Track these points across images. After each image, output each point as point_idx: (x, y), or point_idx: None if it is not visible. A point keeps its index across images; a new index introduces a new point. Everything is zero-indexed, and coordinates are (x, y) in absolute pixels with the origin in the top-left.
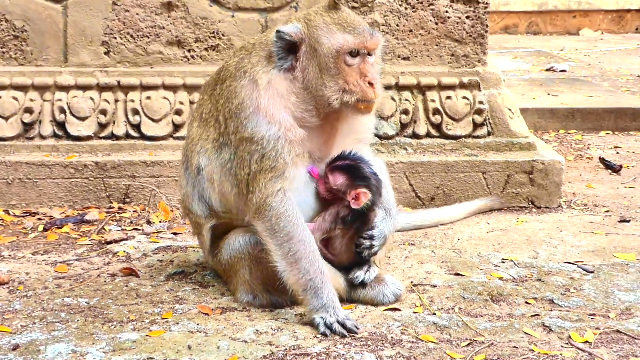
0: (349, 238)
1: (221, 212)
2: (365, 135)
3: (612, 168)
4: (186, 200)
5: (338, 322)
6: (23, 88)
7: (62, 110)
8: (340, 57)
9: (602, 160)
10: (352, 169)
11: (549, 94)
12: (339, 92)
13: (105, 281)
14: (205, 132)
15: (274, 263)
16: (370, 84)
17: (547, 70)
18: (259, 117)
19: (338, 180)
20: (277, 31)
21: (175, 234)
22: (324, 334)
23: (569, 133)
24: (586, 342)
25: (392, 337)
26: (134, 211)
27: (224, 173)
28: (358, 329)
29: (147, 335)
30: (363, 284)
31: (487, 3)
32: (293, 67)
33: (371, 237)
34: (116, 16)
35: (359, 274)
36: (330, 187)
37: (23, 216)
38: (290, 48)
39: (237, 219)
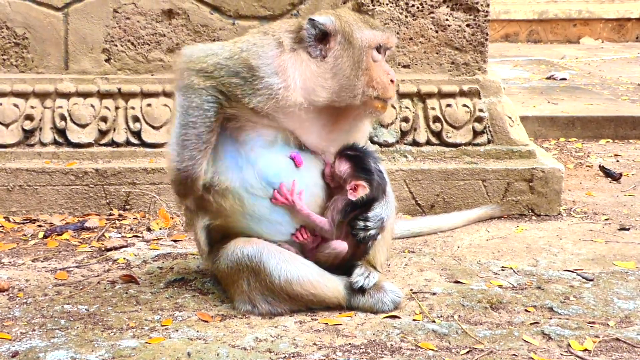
0: (346, 234)
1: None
2: (361, 140)
3: (612, 176)
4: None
5: None
6: (24, 95)
7: (63, 118)
8: (369, 52)
9: (602, 168)
10: (359, 160)
11: (549, 102)
12: (366, 87)
13: (105, 288)
14: None
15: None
16: (392, 81)
17: (548, 78)
18: (274, 65)
19: (342, 167)
20: (311, 19)
21: (175, 241)
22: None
23: (569, 141)
24: (586, 350)
25: (391, 345)
26: (134, 218)
27: None
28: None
29: (146, 343)
30: (362, 291)
31: (487, 11)
32: (323, 55)
33: (366, 219)
34: (117, 24)
35: (359, 279)
36: (334, 173)
37: (23, 223)
38: (320, 38)
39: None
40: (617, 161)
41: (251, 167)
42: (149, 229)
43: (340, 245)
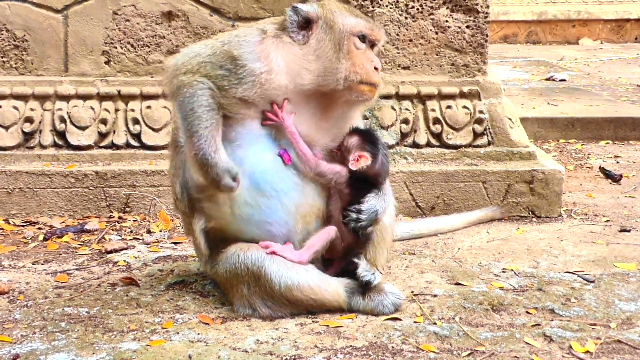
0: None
1: (195, 182)
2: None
3: (613, 177)
4: (172, 184)
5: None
6: (23, 97)
7: (63, 120)
8: (351, 38)
9: (602, 169)
10: (369, 135)
11: (548, 104)
12: (347, 71)
13: (105, 291)
14: None
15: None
16: (375, 68)
17: (547, 79)
18: (257, 52)
19: (351, 139)
20: (293, 6)
21: (175, 243)
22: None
23: (569, 142)
24: (587, 352)
25: (392, 347)
26: (134, 220)
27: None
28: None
29: (147, 345)
30: (366, 288)
31: (487, 13)
32: (305, 38)
33: (359, 211)
34: (117, 26)
35: (366, 274)
36: (342, 146)
37: (23, 226)
38: (303, 25)
39: (211, 205)
40: (617, 162)
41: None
42: (149, 232)
43: (327, 232)
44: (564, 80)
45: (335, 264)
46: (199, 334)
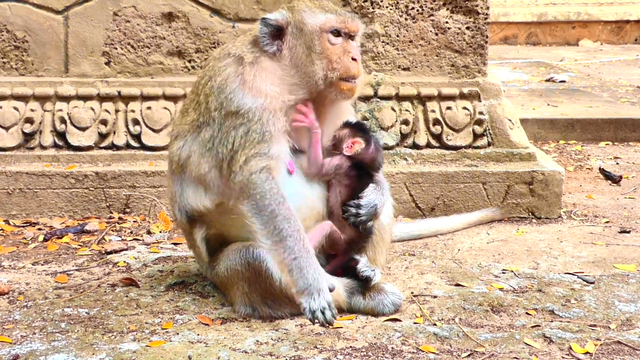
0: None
1: (200, 209)
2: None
3: (612, 179)
4: (173, 204)
5: (321, 310)
6: (24, 98)
7: (63, 121)
8: (323, 35)
9: (602, 170)
10: (360, 125)
11: (548, 105)
12: (324, 70)
13: (105, 291)
14: (184, 119)
15: (259, 243)
16: (353, 59)
17: (547, 80)
18: (245, 91)
19: (344, 130)
20: (262, 19)
21: (175, 244)
22: (310, 320)
23: (568, 144)
24: (587, 353)
25: (392, 348)
26: (134, 221)
27: (203, 154)
28: (335, 319)
29: (147, 346)
30: (364, 292)
31: (487, 14)
32: (279, 49)
33: (358, 206)
34: (117, 27)
35: (366, 270)
36: (335, 139)
37: (23, 226)
38: (275, 34)
39: (219, 220)
40: (617, 164)
41: None
42: (149, 232)
43: (322, 227)
44: (563, 81)
45: (337, 259)
46: (198, 334)
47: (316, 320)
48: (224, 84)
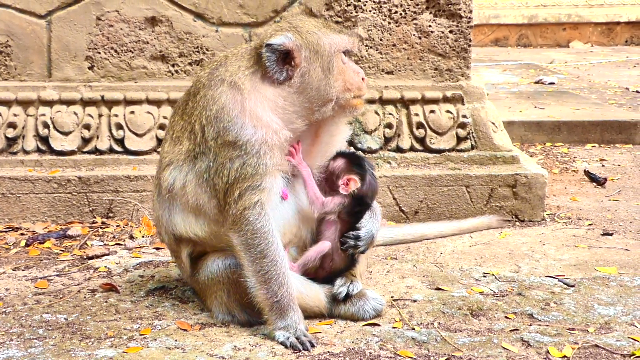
0: (336, 248)
1: (190, 236)
2: (341, 146)
3: (597, 181)
4: (158, 226)
5: (296, 338)
6: (6, 103)
7: (46, 125)
8: (339, 56)
9: (587, 173)
10: (354, 157)
11: (536, 107)
12: (339, 92)
13: (85, 297)
14: (178, 148)
15: (245, 277)
16: (362, 79)
17: (536, 82)
18: (245, 120)
19: (337, 163)
20: (268, 44)
21: (157, 249)
22: (282, 344)
23: (555, 146)
24: (564, 357)
25: (370, 353)
26: (117, 226)
27: (200, 184)
28: (313, 346)
29: (124, 352)
30: (345, 299)
31: (470, 17)
32: (290, 75)
33: (357, 238)
34: (100, 31)
35: (342, 289)
36: (328, 171)
37: (5, 231)
38: (283, 60)
39: (209, 243)
40: (603, 166)
41: None
42: (131, 237)
43: (323, 245)
44: (552, 83)
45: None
46: (176, 340)
47: (290, 347)
48: (221, 113)
